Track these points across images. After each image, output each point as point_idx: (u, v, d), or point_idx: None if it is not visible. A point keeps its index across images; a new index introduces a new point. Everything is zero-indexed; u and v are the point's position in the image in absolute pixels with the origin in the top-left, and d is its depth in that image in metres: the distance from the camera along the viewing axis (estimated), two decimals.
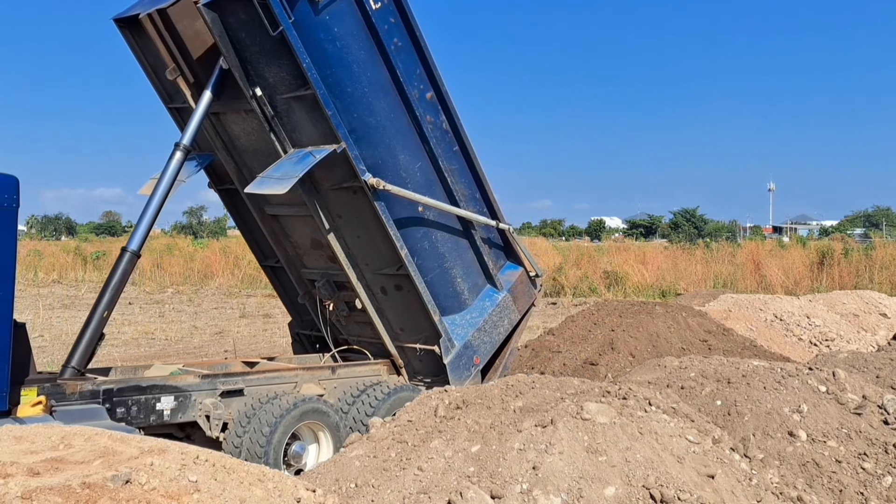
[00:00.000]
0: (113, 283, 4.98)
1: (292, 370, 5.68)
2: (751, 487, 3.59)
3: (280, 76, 5.14)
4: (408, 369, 6.17)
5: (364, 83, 5.24)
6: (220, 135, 5.78)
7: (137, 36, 5.61)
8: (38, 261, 26.80)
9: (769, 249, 23.36)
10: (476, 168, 6.00)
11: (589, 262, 22.41)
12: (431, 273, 5.82)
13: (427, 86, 5.57)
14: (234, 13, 4.94)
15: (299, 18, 4.88)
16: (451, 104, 5.71)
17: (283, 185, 4.99)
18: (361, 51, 5.20)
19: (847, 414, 4.47)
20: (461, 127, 5.80)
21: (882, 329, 10.93)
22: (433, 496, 3.16)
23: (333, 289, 6.18)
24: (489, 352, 6.19)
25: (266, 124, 5.28)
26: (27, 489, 2.29)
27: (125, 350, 11.25)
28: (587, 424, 3.48)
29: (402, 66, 5.33)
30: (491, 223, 6.18)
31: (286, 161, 5.25)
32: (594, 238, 63.95)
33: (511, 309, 6.36)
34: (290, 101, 5.24)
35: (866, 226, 62.39)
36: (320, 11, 4.96)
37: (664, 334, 8.52)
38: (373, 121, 5.33)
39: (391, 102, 5.39)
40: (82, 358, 4.85)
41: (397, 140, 5.49)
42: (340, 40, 5.09)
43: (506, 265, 6.51)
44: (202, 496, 2.51)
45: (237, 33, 5.02)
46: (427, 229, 5.79)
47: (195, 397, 5.10)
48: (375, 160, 5.37)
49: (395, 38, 5.32)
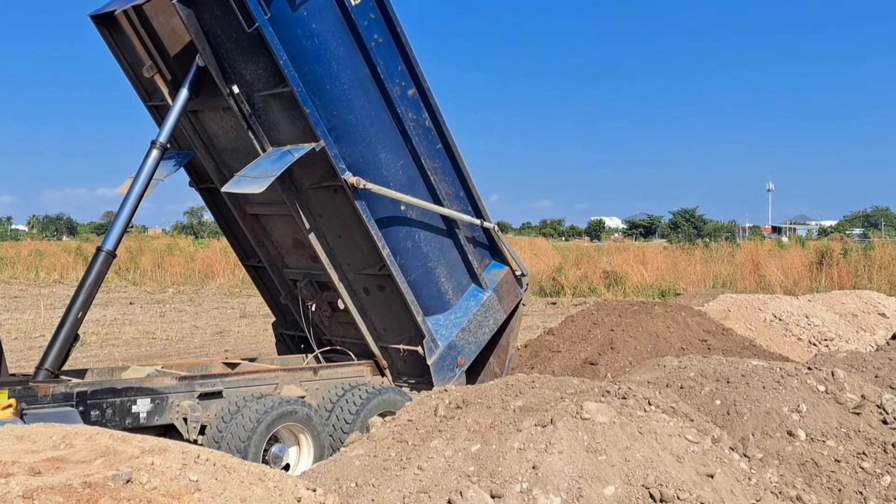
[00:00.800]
0: (88, 284, 4.91)
1: (273, 371, 5.62)
2: (750, 487, 3.60)
3: (257, 73, 5.07)
4: (392, 370, 6.14)
5: (343, 80, 5.16)
6: (199, 133, 5.73)
7: (114, 33, 5.57)
8: (39, 261, 26.83)
9: (768, 249, 23.37)
10: (460, 166, 5.90)
11: (588, 263, 22.45)
12: (414, 273, 5.77)
13: (409, 82, 5.47)
14: (209, 9, 4.87)
15: (276, 14, 4.81)
16: (434, 101, 5.62)
17: (261, 183, 4.93)
18: (340, 47, 5.11)
19: (846, 413, 4.48)
20: (444, 124, 5.71)
21: (881, 329, 10.94)
22: (433, 495, 3.16)
23: (316, 289, 6.14)
24: (474, 352, 6.15)
25: (244, 122, 5.23)
26: (28, 488, 2.30)
27: (126, 350, 11.26)
28: (587, 424, 3.49)
29: (382, 63, 5.24)
30: (475, 222, 6.10)
31: (264, 160, 5.20)
32: (594, 238, 63.95)
33: (497, 309, 6.29)
34: (267, 98, 5.17)
35: (865, 226, 62.45)
36: (298, 7, 4.87)
37: (663, 334, 8.53)
38: (353, 118, 5.26)
39: (372, 100, 5.31)
40: (56, 360, 4.80)
41: (378, 138, 5.40)
42: (319, 37, 5.00)
43: (491, 264, 6.43)
44: (203, 495, 2.51)
45: (213, 30, 4.96)
46: (410, 228, 5.72)
47: (172, 399, 5.01)
48: (356, 158, 5.30)
49: (376, 34, 5.23)
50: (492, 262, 6.44)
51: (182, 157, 5.86)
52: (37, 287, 21.71)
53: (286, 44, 4.87)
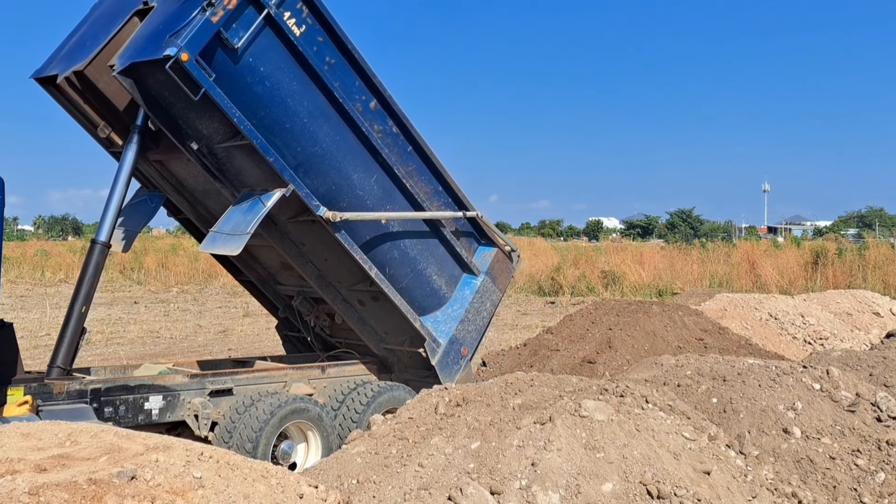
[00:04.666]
0: (87, 278, 4.90)
1: (281, 370, 5.67)
2: (746, 483, 3.64)
3: (213, 127, 4.90)
4: (398, 367, 6.19)
5: (302, 115, 4.99)
6: (167, 178, 5.64)
7: (61, 93, 5.34)
8: (44, 261, 26.81)
9: (764, 249, 23.42)
10: (433, 162, 5.81)
11: (587, 262, 22.49)
12: (406, 279, 5.75)
13: (369, 95, 5.33)
14: (152, 76, 4.66)
15: (220, 70, 4.60)
16: (397, 107, 5.45)
17: (236, 243, 4.81)
18: (294, 82, 4.92)
19: (841, 411, 4.51)
20: (411, 126, 5.59)
21: (875, 328, 11.00)
22: (434, 492, 3.19)
23: (311, 304, 6.15)
24: (476, 339, 6.15)
25: (209, 174, 5.15)
26: (34, 485, 2.32)
27: (131, 349, 11.28)
28: (585, 422, 3.52)
29: (339, 84, 5.10)
30: (458, 215, 6.02)
31: (236, 210, 5.07)
32: (592, 238, 64.01)
33: (492, 290, 6.27)
34: (229, 148, 5.01)
35: (860, 226, 62.64)
36: (241, 56, 4.67)
37: (661, 333, 8.57)
38: (318, 150, 5.11)
39: (335, 125, 5.16)
40: (66, 356, 4.82)
41: (348, 161, 5.27)
42: (269, 79, 4.81)
43: (479, 248, 6.37)
44: (206, 492, 2.54)
45: (160, 93, 4.75)
46: (394, 240, 5.68)
47: (184, 397, 5.08)
48: (328, 187, 5.20)
49: (327, 57, 5.06)
50: (479, 246, 6.38)
51: (154, 200, 5.79)
52: (43, 286, 21.71)
53: (237, 95, 4.70)
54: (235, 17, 4.60)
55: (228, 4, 4.55)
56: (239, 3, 4.57)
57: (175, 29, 4.52)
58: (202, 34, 4.47)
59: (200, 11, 4.52)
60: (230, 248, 4.83)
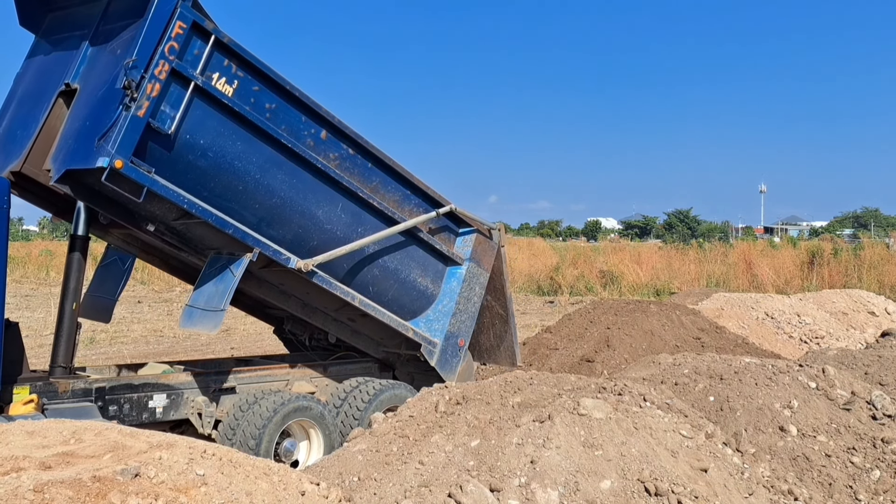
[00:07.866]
0: (72, 273, 4.90)
1: (284, 368, 5.71)
2: (743, 481, 3.67)
3: (166, 208, 4.71)
4: (399, 365, 6.22)
5: (253, 171, 4.82)
6: (133, 244, 5.57)
7: None
8: (49, 260, 26.80)
9: (761, 249, 23.47)
10: (396, 171, 5.67)
11: (585, 262, 22.54)
12: (391, 290, 5.74)
13: (317, 127, 5.14)
14: (90, 176, 4.41)
15: (158, 160, 4.41)
16: (348, 129, 5.28)
17: (213, 321, 4.68)
18: (238, 143, 4.72)
19: (836, 409, 4.55)
20: (366, 142, 5.40)
21: (870, 327, 11.05)
22: (434, 489, 3.22)
23: (303, 324, 6.14)
24: (471, 326, 6.11)
25: (172, 248, 5.07)
26: (39, 482, 2.34)
27: (134, 348, 11.32)
28: (584, 420, 3.55)
29: (284, 128, 4.91)
30: (432, 216, 5.91)
31: (207, 277, 4.90)
32: (590, 238, 64.09)
33: (479, 273, 6.19)
34: (186, 223, 4.87)
35: (855, 226, 62.86)
36: (177, 137, 4.46)
37: (658, 332, 8.61)
38: (277, 200, 4.97)
39: (288, 171, 4.99)
40: (66, 354, 4.83)
41: (309, 200, 5.13)
42: (211, 149, 4.63)
43: (458, 237, 6.27)
44: (209, 489, 2.56)
45: (104, 190, 4.46)
46: (372, 260, 5.62)
47: (187, 395, 5.12)
48: (295, 232, 5.10)
49: (267, 104, 4.84)
50: (458, 235, 6.28)
51: (126, 259, 5.78)
52: (47, 286, 21.68)
53: (182, 176, 4.52)
54: (162, 100, 4.37)
55: (152, 92, 4.30)
56: (162, 86, 4.34)
57: (102, 130, 4.27)
58: (131, 133, 4.24)
59: (124, 108, 4.23)
60: (208, 326, 4.70)
